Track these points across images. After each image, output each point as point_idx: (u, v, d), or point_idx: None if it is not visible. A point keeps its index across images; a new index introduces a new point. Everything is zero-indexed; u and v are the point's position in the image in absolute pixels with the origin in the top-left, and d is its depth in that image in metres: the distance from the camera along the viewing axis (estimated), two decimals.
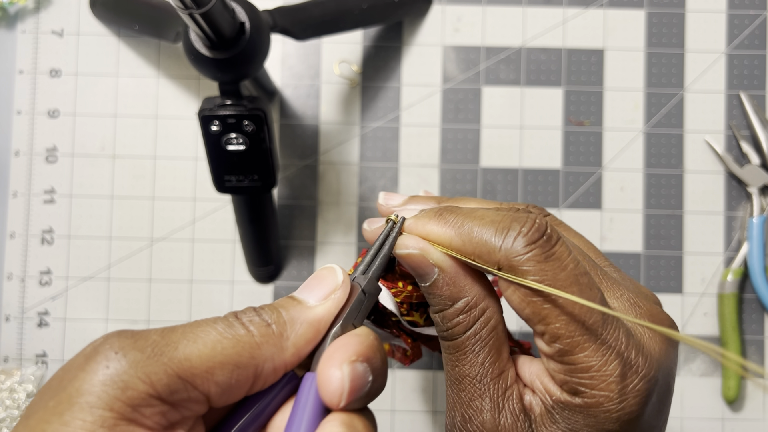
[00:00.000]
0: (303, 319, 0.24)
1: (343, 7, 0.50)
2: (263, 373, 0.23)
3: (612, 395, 0.24)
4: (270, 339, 0.23)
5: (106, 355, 0.21)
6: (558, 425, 0.25)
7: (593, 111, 0.56)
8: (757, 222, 0.54)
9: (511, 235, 0.25)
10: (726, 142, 0.56)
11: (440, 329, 0.28)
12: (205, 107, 0.43)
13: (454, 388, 0.27)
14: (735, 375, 0.53)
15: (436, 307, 0.28)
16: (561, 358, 0.25)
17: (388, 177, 0.56)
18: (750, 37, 0.56)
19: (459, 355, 0.27)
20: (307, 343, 0.24)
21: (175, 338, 0.22)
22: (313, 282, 0.26)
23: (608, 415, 0.25)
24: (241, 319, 0.23)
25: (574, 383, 0.25)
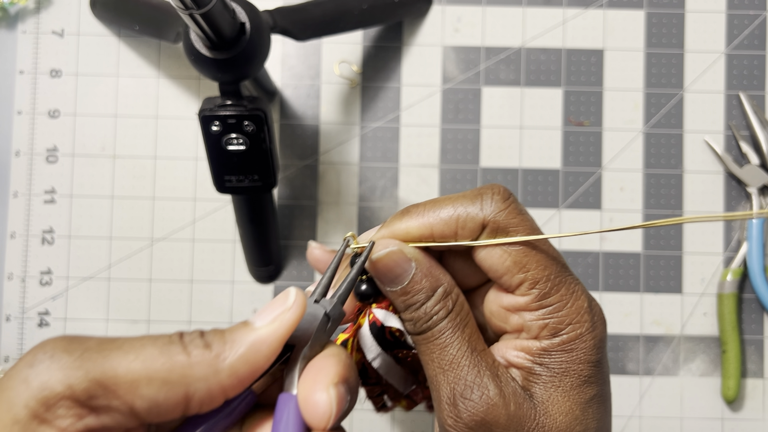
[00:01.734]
0: (243, 341, 0.24)
1: (343, 8, 0.50)
2: (196, 393, 0.23)
3: (587, 324, 0.27)
4: (204, 359, 0.23)
5: (35, 356, 0.22)
6: (541, 378, 0.27)
7: (593, 111, 0.56)
8: (756, 222, 0.54)
9: (487, 198, 0.28)
10: (725, 142, 0.56)
11: (421, 323, 0.28)
12: (206, 107, 0.43)
13: (446, 371, 0.27)
14: (735, 375, 0.53)
15: (416, 304, 0.28)
16: (540, 302, 0.27)
17: (388, 177, 0.56)
18: (749, 38, 0.56)
19: (446, 336, 0.28)
20: (247, 363, 0.23)
21: (111, 348, 0.22)
22: (267, 306, 0.25)
23: (586, 344, 0.27)
24: (183, 339, 0.23)
25: (554, 323, 0.27)
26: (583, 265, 0.55)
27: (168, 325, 0.55)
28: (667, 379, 0.55)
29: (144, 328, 0.55)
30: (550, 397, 0.27)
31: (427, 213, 0.29)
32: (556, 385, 0.27)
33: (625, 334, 0.55)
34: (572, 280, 0.28)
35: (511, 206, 0.28)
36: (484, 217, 0.28)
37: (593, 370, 0.28)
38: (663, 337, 0.55)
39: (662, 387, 0.55)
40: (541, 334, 0.28)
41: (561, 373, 0.27)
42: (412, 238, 0.29)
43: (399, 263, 0.28)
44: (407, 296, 0.28)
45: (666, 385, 0.55)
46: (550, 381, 0.27)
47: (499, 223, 0.28)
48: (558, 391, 0.27)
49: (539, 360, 0.27)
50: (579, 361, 0.27)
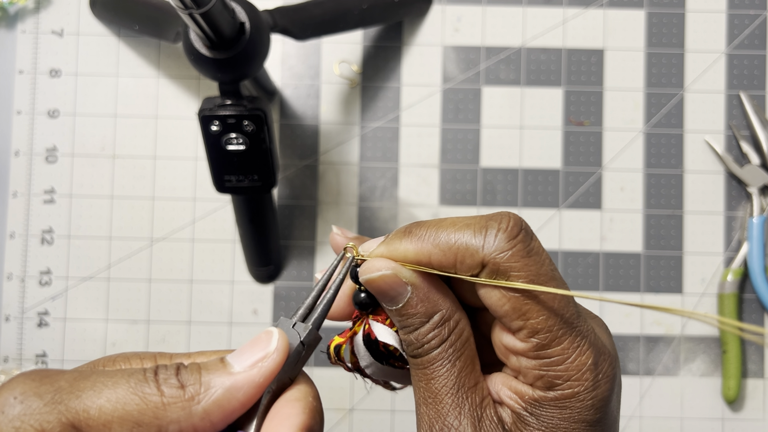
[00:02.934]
0: (220, 385, 0.23)
1: (343, 7, 0.50)
2: None
3: (587, 383, 0.25)
4: (178, 402, 0.22)
5: (6, 400, 0.21)
6: (529, 428, 0.26)
7: (593, 111, 0.56)
8: (757, 222, 0.54)
9: (491, 233, 0.25)
10: (726, 142, 0.56)
11: (413, 347, 0.27)
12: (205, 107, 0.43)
13: (429, 405, 0.27)
14: (735, 375, 0.53)
15: (410, 327, 0.27)
16: (537, 352, 0.26)
17: (388, 177, 0.56)
18: (750, 37, 0.56)
19: (434, 368, 0.27)
20: (221, 408, 0.23)
21: (83, 386, 0.22)
22: (248, 346, 0.24)
23: (583, 404, 0.25)
24: (158, 376, 0.23)
25: (550, 376, 0.25)
26: (584, 265, 0.55)
27: (168, 325, 0.55)
28: (668, 379, 0.55)
29: (144, 328, 0.55)
30: None
31: (427, 238, 0.27)
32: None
33: (625, 334, 0.55)
34: (579, 333, 0.26)
35: (516, 246, 0.25)
36: (483, 255, 0.25)
37: (589, 430, 0.26)
38: (663, 337, 0.55)
39: (663, 387, 0.55)
40: (536, 383, 0.26)
41: (552, 427, 0.26)
42: (410, 261, 0.27)
43: (393, 287, 0.27)
44: (402, 318, 0.27)
45: (666, 386, 0.55)
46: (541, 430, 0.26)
47: (499, 266, 0.25)
48: None
49: (530, 409, 0.26)
50: (572, 419, 0.26)
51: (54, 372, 0.23)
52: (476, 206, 0.55)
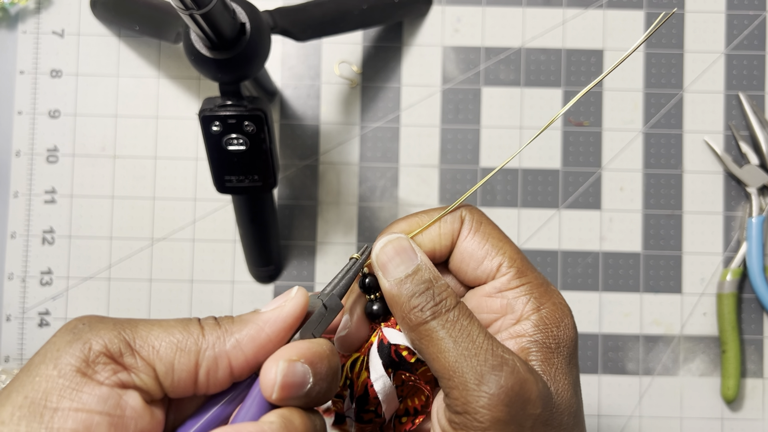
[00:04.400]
0: (248, 320, 0.27)
1: (343, 8, 0.51)
2: (204, 361, 0.26)
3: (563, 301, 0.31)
4: (214, 331, 0.26)
5: (75, 325, 0.25)
6: (539, 357, 0.29)
7: (593, 111, 0.56)
8: (755, 222, 0.54)
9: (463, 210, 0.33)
10: (725, 142, 0.56)
11: (429, 306, 0.29)
12: (206, 107, 0.43)
13: (468, 359, 0.28)
14: (734, 375, 0.53)
15: (425, 284, 0.30)
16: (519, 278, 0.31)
17: (388, 177, 0.56)
18: (749, 38, 0.56)
19: (461, 323, 0.29)
20: (251, 340, 0.27)
21: (137, 322, 0.26)
22: (275, 299, 0.29)
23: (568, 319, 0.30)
24: (200, 321, 0.27)
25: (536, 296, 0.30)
26: (583, 265, 0.55)
27: None
28: (667, 379, 0.55)
29: None
30: (554, 377, 0.29)
31: (415, 216, 0.32)
32: (554, 364, 0.29)
33: (624, 334, 0.55)
34: (539, 272, 0.31)
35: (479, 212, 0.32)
36: (461, 214, 0.32)
37: (575, 348, 0.30)
38: (663, 337, 0.55)
39: (662, 387, 0.55)
40: (524, 310, 0.30)
41: (555, 349, 0.29)
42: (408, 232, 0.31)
43: (405, 249, 0.30)
44: (414, 279, 0.30)
45: (666, 385, 0.55)
46: (549, 359, 0.29)
47: (473, 216, 0.32)
48: (557, 369, 0.29)
49: (535, 338, 0.29)
50: (566, 337, 0.29)
51: (111, 317, 0.27)
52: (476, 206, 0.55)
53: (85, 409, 0.24)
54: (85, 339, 0.25)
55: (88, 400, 0.24)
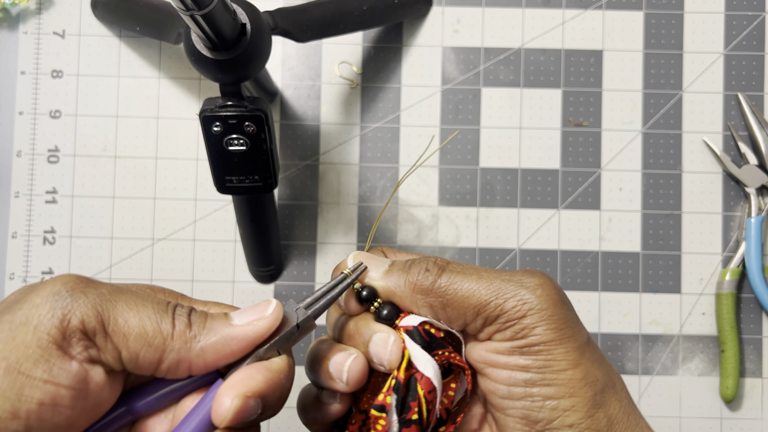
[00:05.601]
0: (218, 331, 0.28)
1: (344, 9, 0.51)
2: (167, 360, 0.27)
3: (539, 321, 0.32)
4: (183, 337, 0.27)
5: (59, 290, 0.26)
6: None
7: (592, 112, 0.56)
8: (754, 222, 0.54)
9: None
10: (724, 142, 0.56)
11: (432, 262, 0.31)
12: (206, 108, 0.43)
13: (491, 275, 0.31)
14: (733, 374, 0.53)
15: (408, 263, 0.32)
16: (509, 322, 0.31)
17: (388, 177, 0.56)
18: (748, 38, 0.56)
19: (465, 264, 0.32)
20: (215, 351, 0.27)
21: (119, 298, 0.27)
22: (249, 308, 0.29)
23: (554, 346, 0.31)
24: (174, 312, 0.27)
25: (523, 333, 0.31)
26: (582, 265, 0.55)
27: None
28: (666, 378, 0.55)
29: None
30: None
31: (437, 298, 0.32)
32: None
33: (623, 333, 0.55)
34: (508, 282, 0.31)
35: None
36: None
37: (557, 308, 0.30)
38: (662, 336, 0.55)
39: (661, 386, 0.55)
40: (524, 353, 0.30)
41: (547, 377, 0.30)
42: None
43: (372, 255, 0.33)
44: (397, 262, 0.32)
45: (665, 385, 0.55)
46: None
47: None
48: None
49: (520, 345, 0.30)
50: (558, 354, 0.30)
51: (96, 281, 0.27)
52: (476, 206, 0.56)
53: (54, 382, 0.25)
54: (66, 311, 0.25)
55: (58, 374, 0.25)
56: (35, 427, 0.24)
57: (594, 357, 0.30)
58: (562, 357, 0.29)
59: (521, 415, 0.29)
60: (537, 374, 0.29)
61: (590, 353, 0.30)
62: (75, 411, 0.25)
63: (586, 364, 0.29)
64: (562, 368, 0.29)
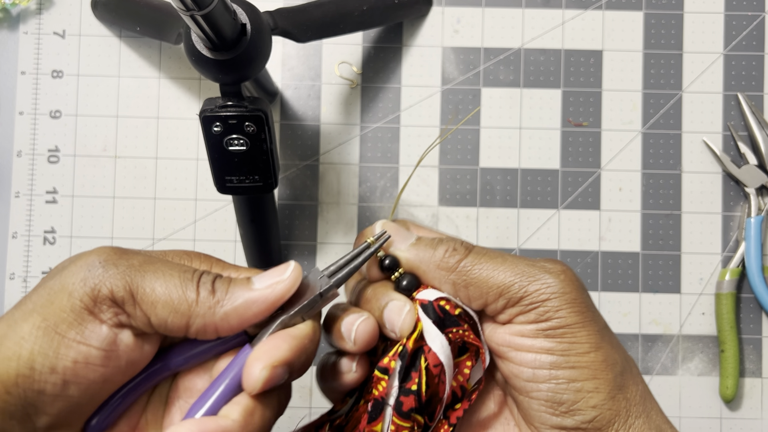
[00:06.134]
0: (240, 295, 0.29)
1: (344, 9, 0.51)
2: (194, 324, 0.29)
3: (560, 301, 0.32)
4: (207, 302, 0.29)
5: (92, 262, 0.28)
6: None
7: (592, 112, 0.56)
8: (754, 222, 0.54)
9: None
10: (723, 142, 0.56)
11: (460, 242, 0.33)
12: (207, 108, 0.43)
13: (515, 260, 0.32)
14: (733, 374, 0.54)
15: (435, 240, 0.33)
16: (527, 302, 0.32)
17: (388, 177, 0.56)
18: (748, 38, 0.56)
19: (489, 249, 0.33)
20: (238, 315, 0.29)
21: (148, 269, 0.29)
22: (269, 271, 0.30)
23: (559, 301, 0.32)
24: (199, 280, 0.29)
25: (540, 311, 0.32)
26: (582, 265, 0.55)
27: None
28: (666, 378, 0.55)
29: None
30: None
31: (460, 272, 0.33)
32: None
33: (623, 333, 0.55)
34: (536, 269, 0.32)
35: None
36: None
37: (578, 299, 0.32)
38: (661, 336, 0.55)
39: (661, 386, 0.55)
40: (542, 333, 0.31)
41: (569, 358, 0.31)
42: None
43: (401, 227, 0.34)
44: (424, 238, 0.33)
45: (664, 385, 0.55)
46: None
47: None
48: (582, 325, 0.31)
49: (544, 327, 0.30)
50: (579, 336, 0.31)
51: (131, 251, 0.29)
52: (476, 206, 0.56)
53: (86, 343, 0.27)
54: (97, 280, 0.28)
55: (89, 336, 0.28)
56: (71, 381, 0.27)
57: (612, 341, 0.31)
58: (584, 340, 0.30)
59: (546, 398, 0.30)
60: (561, 357, 0.30)
61: (609, 337, 0.31)
62: (108, 369, 0.28)
63: (607, 347, 0.30)
64: (584, 351, 0.30)
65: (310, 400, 0.55)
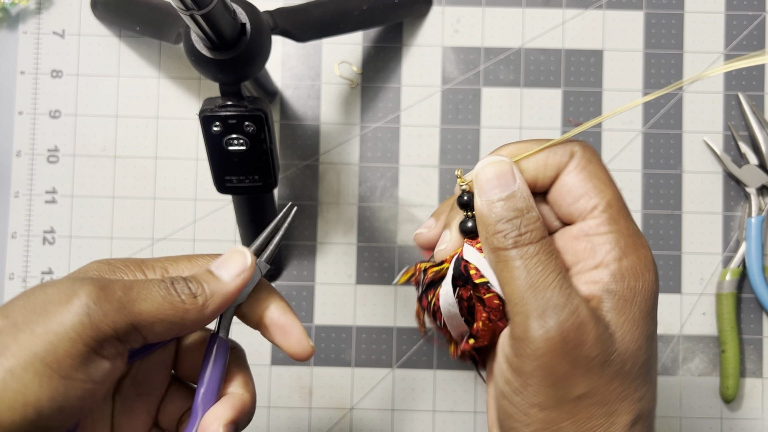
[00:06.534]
0: (219, 292, 0.31)
1: (344, 9, 0.51)
2: (187, 329, 0.31)
3: (651, 257, 0.30)
4: (195, 307, 0.30)
5: (87, 303, 0.28)
6: (613, 305, 0.30)
7: (592, 111, 0.56)
8: (755, 222, 0.54)
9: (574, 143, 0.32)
10: (724, 142, 0.56)
11: (513, 234, 0.30)
12: (206, 108, 0.43)
13: (536, 292, 0.29)
14: (733, 374, 0.53)
15: (515, 211, 0.31)
16: (610, 225, 0.30)
17: (388, 177, 0.56)
18: (748, 38, 0.56)
19: (539, 257, 0.30)
20: (220, 308, 0.31)
21: (133, 296, 0.29)
22: (227, 260, 0.32)
23: (651, 274, 0.30)
24: (175, 287, 0.30)
25: (623, 245, 0.30)
26: None
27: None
28: (666, 378, 0.55)
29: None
30: (622, 326, 0.29)
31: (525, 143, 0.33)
32: (626, 314, 0.29)
33: None
34: (636, 226, 0.31)
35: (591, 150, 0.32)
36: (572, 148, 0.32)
37: (653, 303, 0.30)
38: (662, 336, 0.55)
39: (661, 386, 0.55)
40: (606, 258, 0.30)
41: (630, 300, 0.29)
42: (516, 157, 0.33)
43: (505, 173, 0.32)
44: (506, 204, 0.31)
45: (665, 385, 0.55)
46: (620, 309, 0.29)
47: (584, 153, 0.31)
48: (628, 319, 0.29)
49: (610, 287, 0.29)
50: (645, 290, 0.30)
51: (108, 282, 0.29)
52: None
53: (91, 380, 0.28)
54: (99, 322, 0.28)
55: (94, 373, 0.28)
56: (76, 415, 0.28)
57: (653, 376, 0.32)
58: None
59: None
60: None
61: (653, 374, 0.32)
62: (103, 393, 0.30)
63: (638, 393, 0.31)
64: None
65: (310, 401, 0.55)
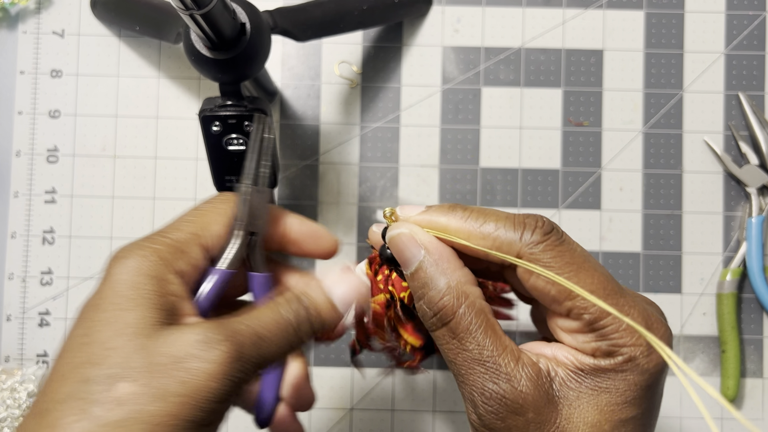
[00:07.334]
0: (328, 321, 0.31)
1: (344, 8, 0.51)
2: None
3: (643, 348, 0.27)
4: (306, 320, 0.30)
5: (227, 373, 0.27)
6: (583, 383, 0.27)
7: (592, 111, 0.56)
8: (755, 222, 0.54)
9: (528, 230, 0.28)
10: (725, 142, 0.56)
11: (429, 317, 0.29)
12: (206, 108, 0.43)
13: (464, 375, 0.28)
14: (734, 374, 0.53)
15: (419, 292, 0.29)
16: (591, 326, 0.27)
17: (388, 177, 0.56)
18: (749, 38, 0.56)
19: (459, 338, 0.28)
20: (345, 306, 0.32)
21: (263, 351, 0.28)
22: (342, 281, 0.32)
23: (639, 367, 0.27)
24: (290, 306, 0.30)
25: (608, 345, 0.27)
26: None
27: None
28: (667, 378, 0.55)
29: None
30: (579, 407, 0.27)
31: (470, 221, 0.29)
32: (592, 398, 0.27)
33: None
34: (625, 301, 0.28)
35: (551, 239, 0.28)
36: (519, 247, 0.28)
37: (640, 393, 0.28)
38: None
39: None
40: (595, 354, 0.28)
41: (604, 389, 0.27)
42: (457, 235, 0.29)
43: (408, 247, 0.29)
44: (415, 282, 0.29)
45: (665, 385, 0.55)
46: (588, 392, 0.27)
47: (533, 256, 0.28)
48: (591, 404, 0.27)
49: (586, 373, 0.28)
50: (627, 381, 0.27)
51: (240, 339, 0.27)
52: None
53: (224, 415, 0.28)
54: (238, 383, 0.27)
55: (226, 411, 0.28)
56: None
57: None
58: None
59: None
60: None
61: None
62: None
63: None
64: None
65: None
